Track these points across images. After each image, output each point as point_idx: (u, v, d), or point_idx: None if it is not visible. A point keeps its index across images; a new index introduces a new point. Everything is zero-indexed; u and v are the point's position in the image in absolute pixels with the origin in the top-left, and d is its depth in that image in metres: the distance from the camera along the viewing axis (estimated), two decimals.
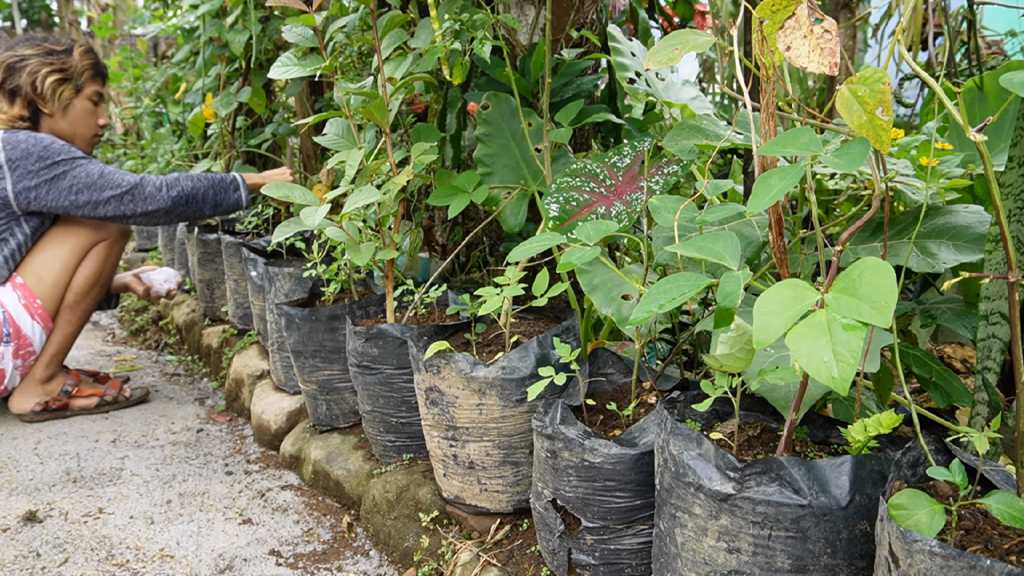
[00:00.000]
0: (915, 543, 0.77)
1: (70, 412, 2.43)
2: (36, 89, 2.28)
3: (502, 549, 1.44)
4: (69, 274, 2.36)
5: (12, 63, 2.29)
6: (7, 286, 2.30)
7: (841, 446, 1.11)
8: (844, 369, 0.71)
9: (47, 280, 2.33)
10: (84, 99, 2.37)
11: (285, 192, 1.69)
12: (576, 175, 1.49)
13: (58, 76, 2.30)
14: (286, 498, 1.92)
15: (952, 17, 2.10)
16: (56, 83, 2.30)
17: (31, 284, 2.31)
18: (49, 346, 2.39)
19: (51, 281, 2.33)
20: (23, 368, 2.35)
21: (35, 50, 2.31)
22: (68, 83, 2.32)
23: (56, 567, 1.63)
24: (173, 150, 4.29)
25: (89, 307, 2.44)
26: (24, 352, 2.33)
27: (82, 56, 2.37)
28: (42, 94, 2.29)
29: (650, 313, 0.89)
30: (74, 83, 2.34)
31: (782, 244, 0.99)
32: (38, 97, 2.29)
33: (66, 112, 2.34)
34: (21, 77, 2.27)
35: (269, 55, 2.97)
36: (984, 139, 0.82)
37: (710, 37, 1.00)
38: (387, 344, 1.68)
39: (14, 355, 2.30)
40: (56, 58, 2.32)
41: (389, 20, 1.66)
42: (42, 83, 2.28)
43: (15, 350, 2.30)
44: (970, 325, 1.20)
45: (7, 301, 2.28)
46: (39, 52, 2.31)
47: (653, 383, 1.36)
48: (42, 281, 2.32)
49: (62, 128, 2.35)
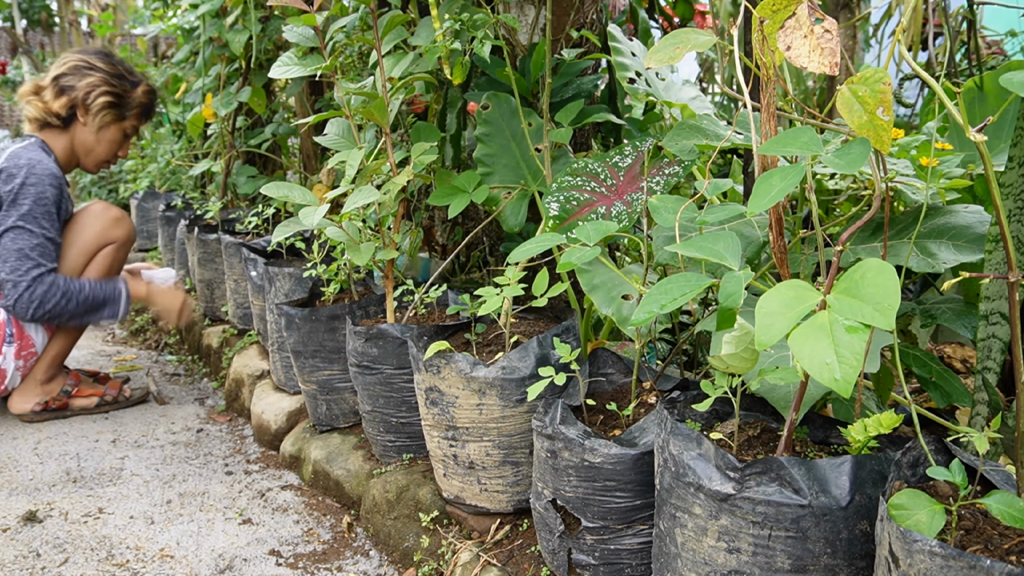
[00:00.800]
0: (915, 543, 0.77)
1: (70, 412, 2.42)
2: (86, 100, 2.34)
3: (502, 549, 1.44)
4: (75, 276, 2.37)
5: (80, 66, 2.35)
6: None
7: (841, 446, 1.11)
8: (847, 371, 0.71)
9: None
10: (119, 129, 2.44)
11: (285, 192, 1.69)
12: (577, 174, 1.49)
13: (110, 99, 2.37)
14: (286, 498, 1.92)
15: (952, 17, 2.10)
16: (105, 104, 2.36)
17: None
18: (51, 347, 2.39)
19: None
20: (24, 369, 2.35)
21: (108, 67, 2.38)
22: (116, 109, 2.39)
23: (56, 567, 1.63)
24: (173, 150, 4.29)
25: None
26: (26, 353, 2.33)
27: (143, 94, 2.45)
28: (89, 107, 2.35)
29: (651, 313, 0.89)
30: (120, 111, 2.40)
31: (782, 244, 0.99)
32: (83, 107, 2.35)
33: (99, 132, 2.39)
34: (80, 82, 2.33)
35: (269, 55, 2.97)
36: (984, 139, 0.82)
37: (710, 37, 1.00)
38: (387, 344, 1.68)
39: (16, 356, 2.31)
40: (120, 82, 2.39)
41: (389, 20, 1.66)
42: (95, 98, 2.34)
43: (17, 351, 2.30)
44: (970, 325, 1.20)
45: None
46: (109, 71, 2.38)
47: (653, 383, 1.36)
48: None
49: (86, 140, 2.40)
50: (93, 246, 2.39)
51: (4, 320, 2.26)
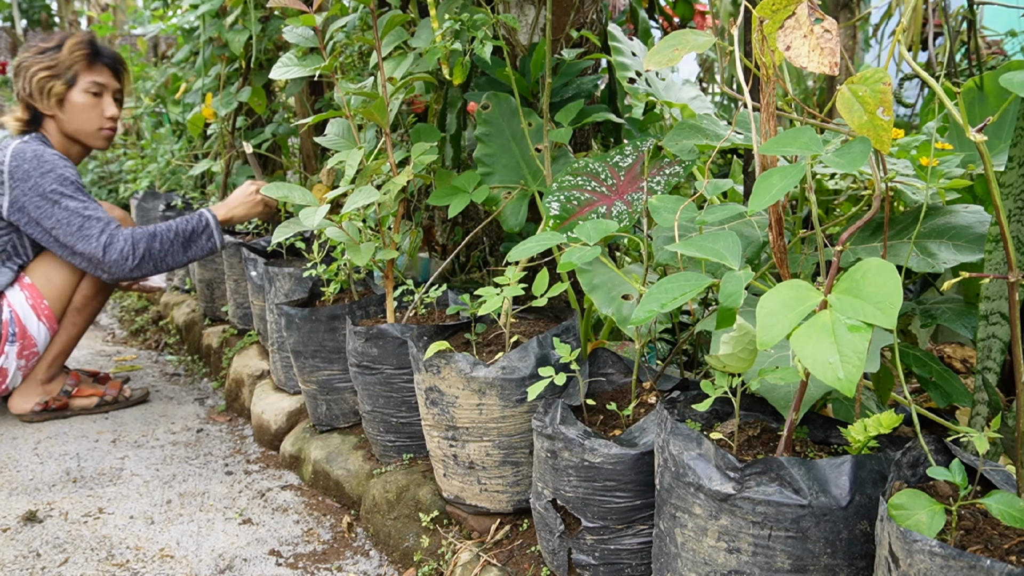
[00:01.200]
0: (915, 543, 0.77)
1: (70, 412, 2.43)
2: (27, 90, 2.29)
3: (502, 549, 1.44)
4: (78, 277, 2.37)
5: (16, 69, 2.31)
6: (15, 287, 2.31)
7: (841, 446, 1.11)
8: (849, 370, 0.71)
9: (56, 282, 2.33)
10: (80, 92, 2.32)
11: (285, 192, 1.69)
12: (578, 174, 1.49)
13: (45, 73, 2.27)
14: (286, 498, 1.92)
15: (952, 17, 2.10)
16: (43, 80, 2.27)
17: (40, 285, 2.31)
18: (52, 347, 2.39)
19: (60, 283, 2.33)
20: (26, 368, 2.35)
21: (31, 51, 2.31)
22: (57, 79, 2.28)
23: (56, 567, 1.63)
24: (173, 150, 4.28)
25: (95, 310, 2.46)
26: (28, 352, 2.33)
27: (72, 48, 2.31)
28: (31, 93, 2.28)
29: (651, 313, 0.89)
30: (64, 78, 2.29)
31: (782, 244, 0.99)
32: (31, 97, 2.29)
33: (62, 108, 2.31)
34: (22, 79, 2.29)
35: (269, 55, 2.96)
36: (984, 139, 0.82)
37: (710, 37, 1.00)
38: (387, 344, 1.68)
39: (18, 355, 2.30)
40: (45, 55, 2.29)
41: (389, 20, 1.66)
42: (30, 82, 2.27)
43: (20, 350, 2.30)
44: (970, 325, 1.20)
45: (15, 301, 2.29)
46: (32, 52, 2.30)
47: (653, 383, 1.36)
48: (51, 282, 2.33)
49: (64, 125, 2.33)
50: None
51: (8, 319, 2.27)
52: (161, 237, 2.25)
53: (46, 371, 2.39)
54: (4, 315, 2.27)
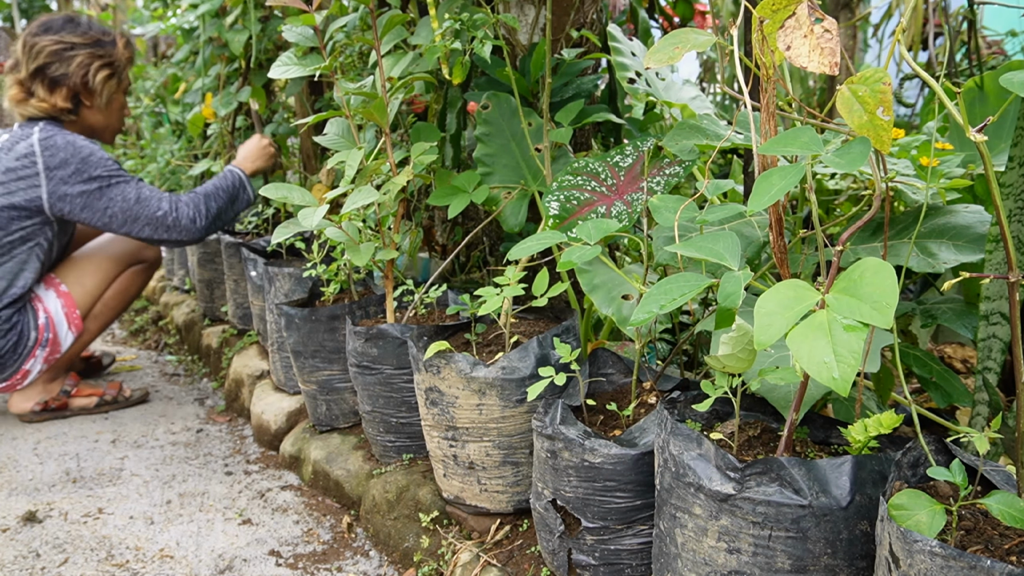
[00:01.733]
0: (915, 543, 0.77)
1: (69, 412, 2.43)
2: (87, 83, 2.20)
3: (502, 549, 1.44)
4: (106, 286, 2.40)
5: (59, 50, 2.17)
6: (51, 291, 2.31)
7: (841, 446, 1.11)
8: (845, 370, 0.71)
9: (88, 287, 2.35)
10: (121, 92, 2.32)
11: (284, 192, 1.69)
12: (578, 174, 1.49)
13: (108, 71, 2.23)
14: (286, 498, 1.92)
15: (952, 17, 2.10)
16: (106, 78, 2.23)
17: (75, 293, 2.33)
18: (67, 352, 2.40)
19: (91, 289, 2.36)
20: (43, 372, 2.34)
21: (83, 39, 2.20)
22: (115, 78, 2.26)
23: (56, 567, 1.63)
24: (173, 150, 4.28)
25: (110, 319, 2.48)
26: (53, 358, 2.33)
27: (124, 47, 2.30)
28: (92, 88, 2.21)
29: (651, 314, 0.89)
30: (119, 76, 2.28)
31: (782, 244, 0.99)
32: (86, 91, 2.22)
33: (107, 106, 2.28)
34: (70, 67, 2.17)
35: (269, 55, 2.96)
36: (984, 139, 0.82)
37: (710, 36, 1.00)
38: (387, 344, 1.68)
39: (44, 359, 2.30)
40: (104, 50, 2.23)
41: (389, 20, 1.66)
42: (94, 77, 2.20)
43: (47, 355, 2.30)
44: (970, 325, 1.20)
45: (52, 308, 2.29)
46: (88, 42, 2.21)
47: (653, 383, 1.35)
48: (83, 287, 2.34)
49: (98, 120, 2.30)
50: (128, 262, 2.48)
51: (44, 324, 2.26)
52: (214, 196, 2.26)
53: (51, 372, 2.39)
54: (40, 319, 2.26)
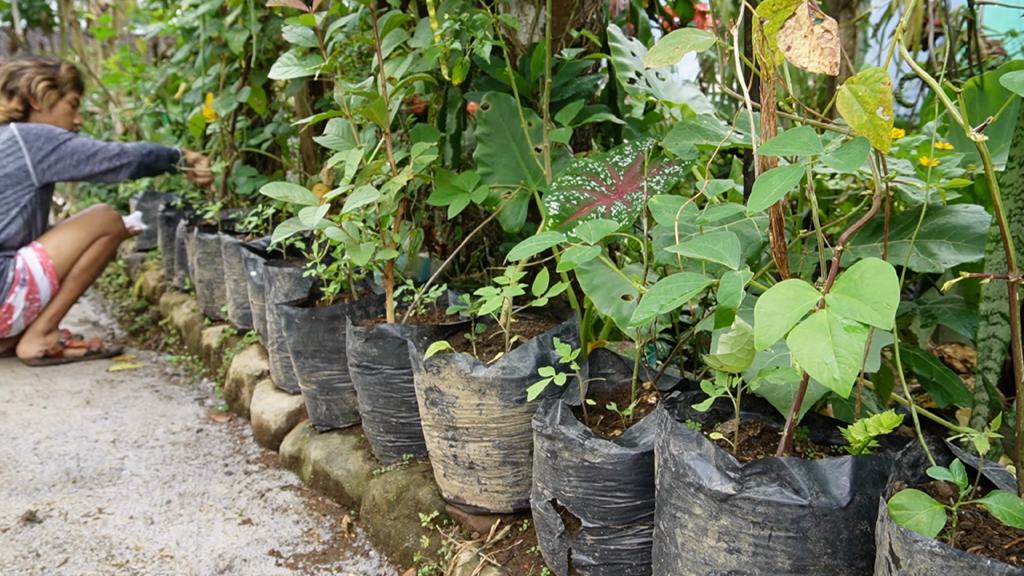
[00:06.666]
0: (916, 543, 0.77)
1: (64, 360, 3.09)
2: (31, 90, 3.07)
3: (502, 549, 1.44)
4: (79, 253, 3.10)
5: (14, 71, 3.09)
6: (30, 248, 3.02)
7: (841, 446, 1.11)
8: (845, 371, 0.71)
9: (63, 252, 3.07)
10: (65, 102, 3.16)
11: (285, 192, 1.69)
12: (577, 174, 1.49)
13: (48, 83, 3.10)
14: (286, 498, 1.92)
15: (952, 17, 2.10)
16: (46, 87, 3.10)
17: (49, 251, 3.05)
18: (52, 305, 3.07)
19: (65, 254, 3.07)
20: (28, 312, 3.01)
21: (32, 63, 3.13)
22: (55, 89, 3.12)
23: (56, 567, 1.63)
24: None
25: (87, 281, 3.16)
26: (32, 297, 3.00)
27: (67, 71, 3.18)
28: (34, 94, 3.07)
29: (651, 314, 0.89)
30: (59, 89, 3.14)
31: (782, 244, 0.99)
32: (31, 96, 3.07)
33: (51, 110, 3.13)
34: (20, 81, 3.06)
35: (269, 55, 2.96)
36: (984, 139, 0.82)
37: (710, 36, 1.00)
38: (387, 344, 1.68)
39: (26, 297, 2.99)
40: (47, 70, 3.12)
41: (389, 20, 1.66)
42: (36, 86, 3.08)
43: (27, 293, 3.00)
44: (970, 325, 1.20)
45: (28, 258, 3.01)
46: (35, 64, 3.13)
47: (653, 383, 1.36)
48: (58, 251, 3.06)
49: (46, 121, 3.10)
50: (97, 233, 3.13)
51: (21, 268, 2.97)
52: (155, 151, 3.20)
53: (45, 325, 3.06)
54: (19, 264, 2.98)
